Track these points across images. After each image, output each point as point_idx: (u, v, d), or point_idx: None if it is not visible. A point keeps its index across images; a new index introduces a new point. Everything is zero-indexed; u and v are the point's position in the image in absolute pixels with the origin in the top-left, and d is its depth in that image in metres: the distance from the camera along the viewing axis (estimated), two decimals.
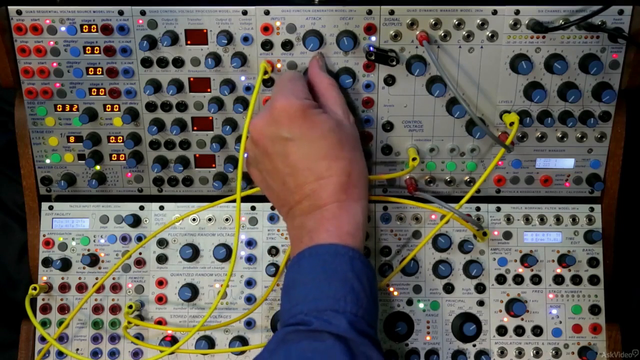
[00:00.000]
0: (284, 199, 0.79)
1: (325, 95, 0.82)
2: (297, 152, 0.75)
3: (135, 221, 0.94)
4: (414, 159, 0.89)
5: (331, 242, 0.74)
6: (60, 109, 0.91)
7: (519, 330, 0.93)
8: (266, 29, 0.86)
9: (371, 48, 0.85)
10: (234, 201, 0.91)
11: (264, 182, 0.81)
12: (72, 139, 0.93)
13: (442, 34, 0.85)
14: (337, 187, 0.75)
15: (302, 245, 0.75)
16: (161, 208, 0.95)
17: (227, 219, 0.94)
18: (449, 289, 0.93)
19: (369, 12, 0.85)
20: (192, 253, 0.92)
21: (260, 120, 0.77)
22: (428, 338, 0.93)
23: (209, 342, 0.92)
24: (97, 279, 0.93)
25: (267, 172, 0.79)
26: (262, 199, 0.94)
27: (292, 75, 0.82)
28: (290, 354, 0.68)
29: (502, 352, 0.93)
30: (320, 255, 0.74)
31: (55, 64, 0.89)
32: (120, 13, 0.86)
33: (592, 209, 0.94)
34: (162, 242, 0.94)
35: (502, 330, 0.93)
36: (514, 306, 0.91)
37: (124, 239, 0.94)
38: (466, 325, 0.91)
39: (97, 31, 0.87)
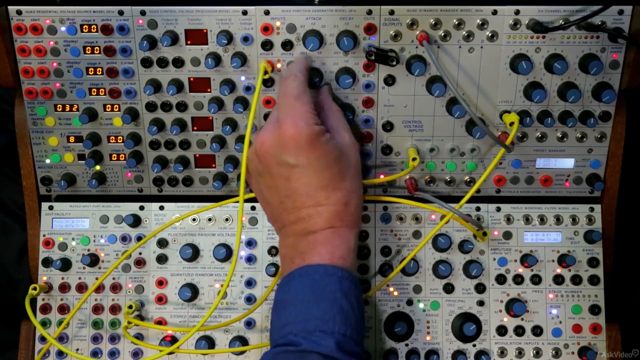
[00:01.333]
0: (279, 216, 0.80)
1: (335, 118, 0.83)
2: (300, 179, 0.76)
3: (135, 221, 0.94)
4: (414, 159, 0.89)
5: (322, 263, 0.75)
6: (60, 109, 0.91)
7: (519, 330, 0.93)
8: (266, 29, 0.86)
9: (371, 48, 0.85)
10: (236, 201, 0.91)
11: (261, 194, 0.82)
12: (72, 139, 0.93)
13: (442, 34, 0.85)
14: (333, 215, 0.77)
15: (293, 266, 0.76)
16: (161, 208, 0.95)
17: (227, 219, 0.94)
18: (449, 289, 0.93)
19: (369, 12, 0.85)
20: (192, 253, 0.92)
21: (268, 138, 0.77)
22: (428, 338, 0.93)
23: (209, 342, 0.92)
24: (97, 279, 0.93)
25: (266, 187, 0.80)
26: None
27: (297, 90, 0.79)
28: None
29: (502, 352, 0.93)
30: (310, 275, 0.75)
31: (55, 64, 0.89)
32: (120, 13, 0.86)
33: (592, 209, 0.94)
34: (162, 242, 0.94)
35: (502, 330, 0.93)
36: (514, 306, 0.91)
37: (124, 239, 0.94)
38: (466, 325, 0.91)
39: (97, 31, 0.87)
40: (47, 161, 0.94)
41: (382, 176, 0.93)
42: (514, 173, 0.94)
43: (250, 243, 0.94)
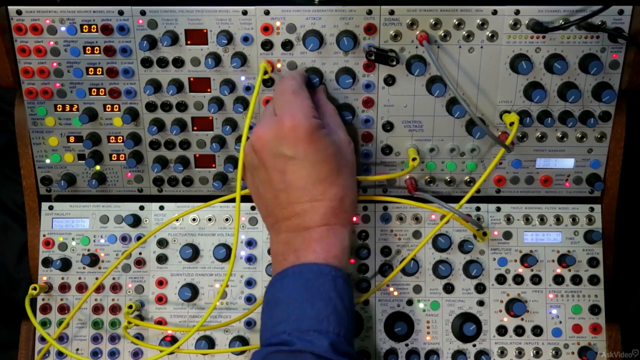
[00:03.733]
0: (272, 211, 0.79)
1: (331, 116, 0.83)
2: (296, 172, 0.75)
3: (135, 221, 0.94)
4: (414, 159, 0.89)
5: (316, 261, 0.74)
6: (60, 109, 0.91)
7: (519, 330, 0.93)
8: (266, 29, 0.86)
9: (371, 48, 0.85)
10: (233, 200, 0.91)
11: (255, 189, 0.81)
12: (72, 139, 0.93)
13: (442, 34, 0.85)
14: (328, 211, 0.76)
15: (287, 263, 0.76)
16: (161, 208, 0.95)
17: (227, 219, 0.94)
18: (449, 289, 0.93)
19: (369, 12, 0.85)
20: (192, 253, 0.92)
21: (265, 132, 0.76)
22: (428, 338, 0.93)
23: (209, 342, 0.92)
24: (97, 279, 0.93)
25: (261, 182, 0.79)
26: None
27: (295, 87, 0.80)
28: None
29: (502, 352, 0.93)
30: (304, 274, 0.74)
31: (55, 64, 0.89)
32: (120, 13, 0.86)
33: (592, 209, 0.94)
34: (162, 242, 0.94)
35: (502, 330, 0.93)
36: (514, 306, 0.91)
37: (124, 239, 0.94)
38: (466, 325, 0.91)
39: (97, 31, 0.87)
40: (47, 161, 0.94)
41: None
42: (514, 173, 0.94)
43: (250, 243, 0.94)
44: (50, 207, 0.95)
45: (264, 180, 0.78)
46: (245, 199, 0.88)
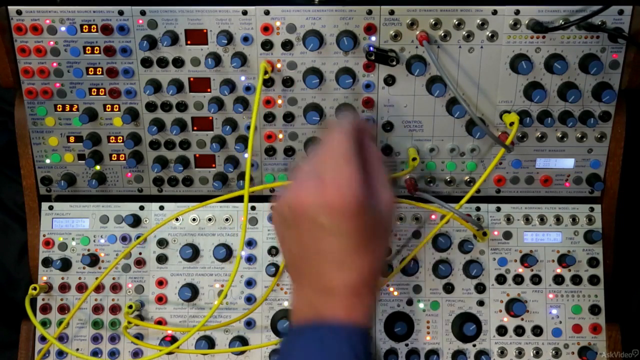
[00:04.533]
0: (298, 266, 0.74)
1: (376, 170, 0.74)
2: (332, 245, 0.69)
3: (135, 221, 0.94)
4: (414, 159, 0.89)
5: (337, 322, 0.70)
6: (60, 109, 0.91)
7: (519, 330, 0.93)
8: (266, 29, 0.86)
9: (371, 48, 0.85)
10: (232, 200, 0.91)
11: (283, 240, 0.75)
12: (72, 139, 0.93)
13: (442, 34, 0.85)
14: (357, 279, 0.71)
15: (305, 319, 0.71)
16: (161, 208, 0.95)
17: (227, 219, 0.94)
18: (449, 289, 0.93)
19: (369, 12, 0.85)
20: (192, 253, 0.92)
21: (307, 197, 0.69)
22: (428, 338, 0.93)
23: (209, 342, 0.92)
24: (97, 279, 0.93)
25: (292, 239, 0.73)
26: (262, 199, 0.94)
27: (346, 150, 0.70)
28: None
29: (502, 352, 0.93)
30: (321, 332, 0.70)
31: (55, 64, 0.89)
32: (120, 13, 0.86)
33: (592, 209, 0.94)
34: (162, 242, 0.94)
35: (502, 330, 0.93)
36: (514, 306, 0.91)
37: (124, 239, 0.94)
38: (466, 325, 0.91)
39: (97, 31, 0.87)
40: (47, 161, 0.94)
41: None
42: (514, 173, 0.94)
43: (250, 243, 0.94)
44: (50, 207, 0.95)
45: (296, 239, 0.72)
46: (244, 199, 0.88)
